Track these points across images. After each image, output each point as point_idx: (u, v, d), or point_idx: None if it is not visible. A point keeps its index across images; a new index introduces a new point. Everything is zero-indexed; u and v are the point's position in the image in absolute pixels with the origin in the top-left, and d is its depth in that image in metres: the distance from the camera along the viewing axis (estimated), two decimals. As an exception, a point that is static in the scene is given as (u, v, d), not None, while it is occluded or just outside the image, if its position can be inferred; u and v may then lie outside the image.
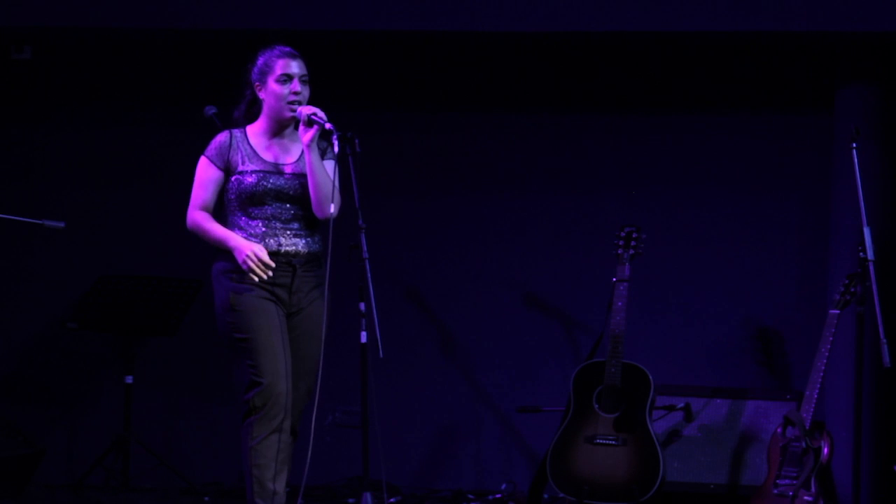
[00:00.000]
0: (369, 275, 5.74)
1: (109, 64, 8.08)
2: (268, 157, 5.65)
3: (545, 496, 7.43)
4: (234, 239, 5.58)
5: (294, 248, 5.61)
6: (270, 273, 5.54)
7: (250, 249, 5.52)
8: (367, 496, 6.54)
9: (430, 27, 7.36)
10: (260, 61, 5.67)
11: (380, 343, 5.69)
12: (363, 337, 6.41)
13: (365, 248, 5.76)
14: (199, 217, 5.66)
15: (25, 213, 7.05)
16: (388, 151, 7.81)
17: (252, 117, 5.71)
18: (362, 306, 6.23)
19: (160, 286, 7.67)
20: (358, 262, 5.78)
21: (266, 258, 5.53)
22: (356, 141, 5.59)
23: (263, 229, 5.60)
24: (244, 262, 5.52)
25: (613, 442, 6.96)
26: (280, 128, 5.66)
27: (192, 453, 7.96)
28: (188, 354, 7.97)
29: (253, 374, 5.49)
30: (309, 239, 5.65)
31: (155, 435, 7.96)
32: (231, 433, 5.66)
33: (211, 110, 6.77)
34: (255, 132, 5.67)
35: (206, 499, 7.55)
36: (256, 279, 5.53)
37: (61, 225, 6.91)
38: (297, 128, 5.65)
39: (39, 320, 8.12)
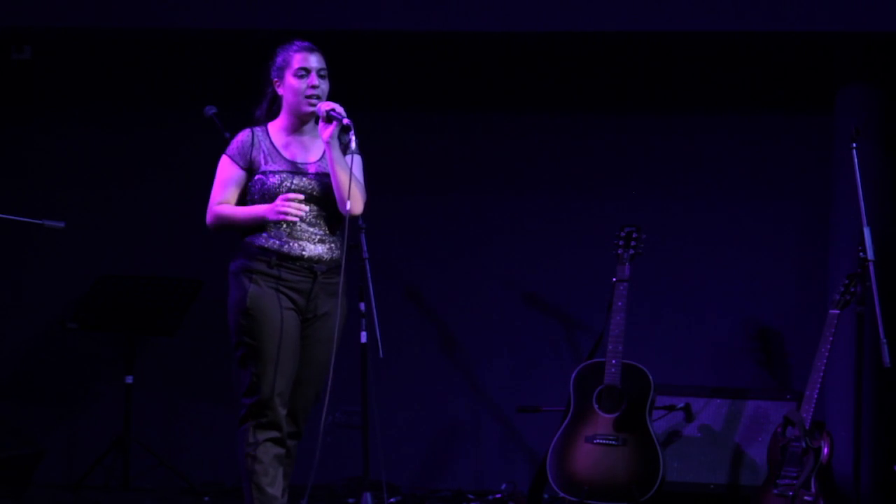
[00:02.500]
0: (369, 275, 5.75)
1: (109, 64, 8.08)
2: (289, 155, 5.56)
3: (545, 496, 7.43)
4: (262, 207, 5.48)
5: (317, 254, 5.54)
6: (306, 209, 5.48)
7: (278, 201, 5.44)
8: (367, 496, 6.55)
9: (431, 27, 7.36)
10: (279, 58, 5.61)
11: (380, 343, 5.70)
12: (363, 337, 6.43)
13: (365, 248, 5.76)
14: (220, 208, 5.54)
15: (25, 213, 7.04)
16: (388, 151, 7.81)
17: (273, 116, 5.65)
18: (362, 306, 6.25)
19: (160, 286, 7.66)
20: (358, 262, 5.77)
21: (294, 196, 5.46)
22: (356, 141, 5.57)
23: (287, 230, 5.54)
24: (281, 213, 5.42)
25: (613, 442, 6.96)
26: (300, 124, 5.60)
27: (192, 453, 7.96)
28: (188, 354, 7.97)
29: (255, 381, 5.47)
30: (332, 245, 5.58)
31: (155, 435, 7.96)
32: (231, 433, 5.65)
33: (211, 110, 6.77)
34: (276, 129, 5.60)
35: (206, 499, 7.55)
36: (297, 219, 5.45)
37: (61, 225, 6.91)
38: (317, 124, 5.60)
39: (39, 320, 8.12)
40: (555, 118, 7.99)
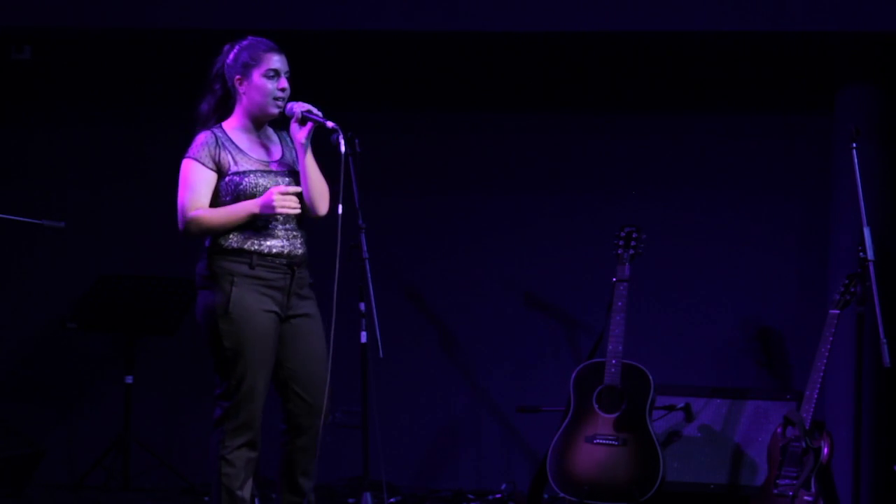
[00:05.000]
0: (369, 275, 5.74)
1: (109, 64, 8.08)
2: (255, 155, 5.52)
3: (545, 496, 7.42)
4: (249, 202, 5.41)
5: (292, 249, 5.53)
6: (296, 203, 5.46)
7: (273, 194, 5.37)
8: (367, 496, 6.53)
9: (431, 27, 7.36)
10: (240, 54, 5.49)
11: (380, 343, 5.68)
12: (363, 337, 6.42)
13: (365, 248, 5.75)
14: (197, 213, 5.42)
15: (25, 213, 7.05)
16: (388, 151, 7.81)
17: (221, 112, 5.60)
18: (362, 306, 6.23)
19: (160, 286, 7.66)
20: (358, 262, 5.77)
21: (293, 189, 5.42)
22: (356, 141, 5.56)
23: (262, 230, 5.52)
24: (279, 207, 5.36)
25: (613, 442, 6.96)
26: (260, 124, 5.56)
27: (192, 453, 7.96)
28: (188, 354, 7.96)
29: (234, 384, 5.44)
30: (302, 240, 5.59)
31: (155, 435, 7.96)
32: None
33: (211, 110, 6.76)
34: (233, 129, 5.52)
35: (206, 499, 7.55)
36: (296, 212, 5.43)
37: (61, 225, 6.91)
38: (280, 126, 5.57)
39: (39, 320, 8.12)
40: (555, 118, 7.99)
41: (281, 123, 5.57)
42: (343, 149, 5.48)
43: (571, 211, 7.94)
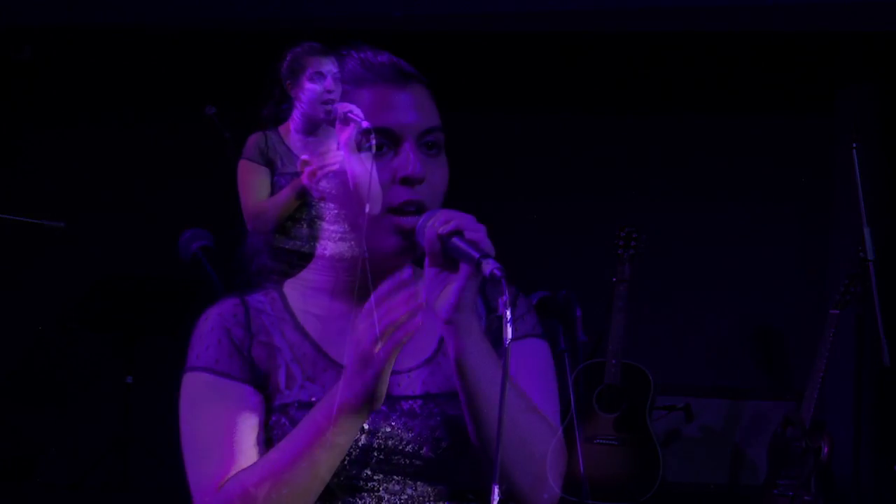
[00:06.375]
0: (369, 275, 5.75)
1: (110, 63, 8.08)
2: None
3: (545, 496, 7.41)
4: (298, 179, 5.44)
5: (339, 252, 5.53)
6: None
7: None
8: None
9: (431, 27, 7.36)
10: (290, 58, 5.58)
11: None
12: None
13: (365, 248, 5.76)
14: (260, 204, 5.44)
15: (25, 213, 7.05)
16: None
17: (281, 117, 5.64)
18: (362, 306, 6.26)
19: (160, 286, 7.66)
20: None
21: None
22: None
23: (308, 231, 5.52)
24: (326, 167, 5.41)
25: (613, 442, 6.96)
26: (314, 127, 5.58)
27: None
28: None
29: None
30: (352, 242, 5.58)
31: (155, 435, 7.96)
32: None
33: (211, 110, 6.76)
34: (289, 132, 5.58)
35: (206, 499, 7.55)
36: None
37: (61, 225, 6.91)
38: (332, 125, 5.58)
39: (39, 320, 8.12)
40: (555, 118, 7.99)
41: None
42: (374, 147, 5.48)
43: (571, 211, 7.94)
